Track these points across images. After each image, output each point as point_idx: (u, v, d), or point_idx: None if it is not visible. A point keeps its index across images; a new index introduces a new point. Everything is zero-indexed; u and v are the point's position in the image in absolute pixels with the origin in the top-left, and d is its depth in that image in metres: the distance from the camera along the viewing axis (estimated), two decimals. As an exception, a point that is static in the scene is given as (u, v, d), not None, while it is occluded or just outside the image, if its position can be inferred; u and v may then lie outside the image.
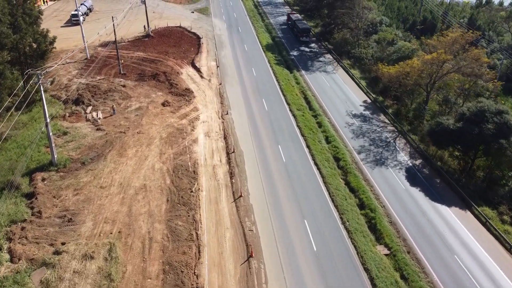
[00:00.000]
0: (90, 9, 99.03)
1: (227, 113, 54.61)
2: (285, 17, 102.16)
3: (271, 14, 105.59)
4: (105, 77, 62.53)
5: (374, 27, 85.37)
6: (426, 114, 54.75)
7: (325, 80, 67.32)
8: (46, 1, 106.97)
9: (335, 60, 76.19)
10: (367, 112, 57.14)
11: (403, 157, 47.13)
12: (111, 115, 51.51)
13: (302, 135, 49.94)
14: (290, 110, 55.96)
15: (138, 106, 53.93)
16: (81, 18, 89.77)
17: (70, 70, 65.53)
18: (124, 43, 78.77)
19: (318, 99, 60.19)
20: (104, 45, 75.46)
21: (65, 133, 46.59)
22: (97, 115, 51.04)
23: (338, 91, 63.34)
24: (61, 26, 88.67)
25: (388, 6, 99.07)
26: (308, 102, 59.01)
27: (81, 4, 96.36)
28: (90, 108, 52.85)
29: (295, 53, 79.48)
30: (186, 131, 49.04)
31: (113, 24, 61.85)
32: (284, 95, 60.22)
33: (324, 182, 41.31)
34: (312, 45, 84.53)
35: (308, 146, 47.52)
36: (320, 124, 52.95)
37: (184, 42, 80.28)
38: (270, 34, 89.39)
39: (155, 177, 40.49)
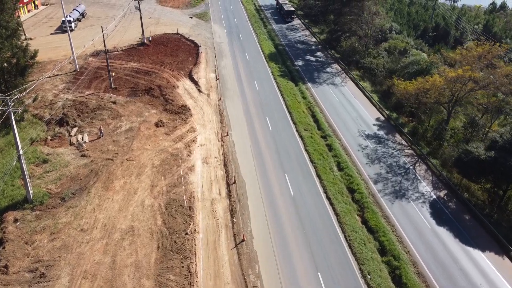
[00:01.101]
0: (83, 15, 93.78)
1: (227, 135, 49.39)
2: (288, 23, 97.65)
3: (273, 19, 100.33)
4: (95, 92, 57.33)
5: (383, 35, 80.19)
6: (446, 134, 49.54)
7: (333, 94, 62.09)
8: (37, 6, 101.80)
9: (343, 71, 70.97)
10: (381, 132, 51.91)
11: (426, 187, 41.90)
12: (98, 138, 46.30)
13: (312, 161, 44.71)
14: (297, 130, 50.73)
15: (129, 127, 48.69)
16: (73, 24, 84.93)
17: (57, 83, 60.32)
18: (117, 52, 73.63)
19: (327, 117, 54.96)
20: (96, 54, 70.32)
21: (45, 161, 41.34)
22: (82, 138, 45.81)
23: (348, 106, 58.11)
24: (51, 33, 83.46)
25: (397, 11, 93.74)
26: (316, 121, 53.78)
27: (73, 10, 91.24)
28: (75, 129, 47.62)
29: (300, 63, 74.26)
30: (182, 157, 43.83)
31: (103, 35, 56.55)
32: (289, 112, 54.97)
33: (339, 222, 36.04)
34: (318, 53, 79.29)
35: (318, 176, 42.28)
36: (330, 147, 47.73)
37: (182, 51, 75.10)
38: (273, 41, 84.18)
39: (145, 216, 35.26)
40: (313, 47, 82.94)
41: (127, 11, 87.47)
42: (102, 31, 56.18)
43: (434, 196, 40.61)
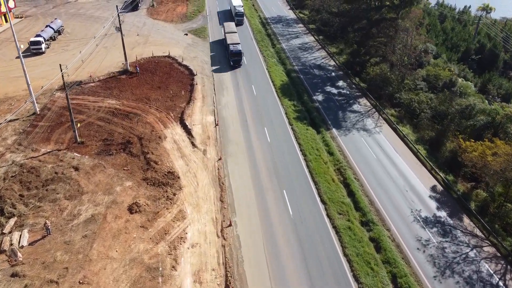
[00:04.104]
0: (59, 32, 79.29)
1: (230, 224, 34.98)
2: (301, 40, 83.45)
3: (282, 35, 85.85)
4: (54, 149, 43.13)
5: (418, 58, 65.78)
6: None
7: (367, 145, 47.69)
8: (7, 20, 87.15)
9: (374, 109, 56.53)
10: (443, 213, 37.54)
11: (533, 327, 27.56)
12: (43, 237, 31.96)
13: (356, 278, 30.25)
14: (328, 215, 36.22)
15: (91, 214, 34.28)
16: (43, 46, 70.65)
17: (7, 135, 46.07)
18: (92, 84, 59.46)
19: (364, 186, 40.55)
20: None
21: (-49, 292, 27.09)
22: (19, 239, 31.44)
23: (390, 168, 43.68)
24: (17, 57, 69.02)
25: (431, 28, 79.06)
26: (351, 193, 39.38)
27: (46, 26, 76.83)
28: (12, 222, 33.20)
29: (319, 97, 59.84)
30: (163, 273, 29.47)
31: (62, 75, 42.12)
32: (315, 182, 40.49)
33: None
34: (340, 83, 64.81)
35: (370, 310, 27.92)
36: (378, 245, 33.32)
37: (173, 82, 60.84)
38: (284, 66, 69.77)
39: None
40: (333, 73, 68.46)
41: (108, 30, 72.93)
42: (61, 70, 41.67)
43: None
